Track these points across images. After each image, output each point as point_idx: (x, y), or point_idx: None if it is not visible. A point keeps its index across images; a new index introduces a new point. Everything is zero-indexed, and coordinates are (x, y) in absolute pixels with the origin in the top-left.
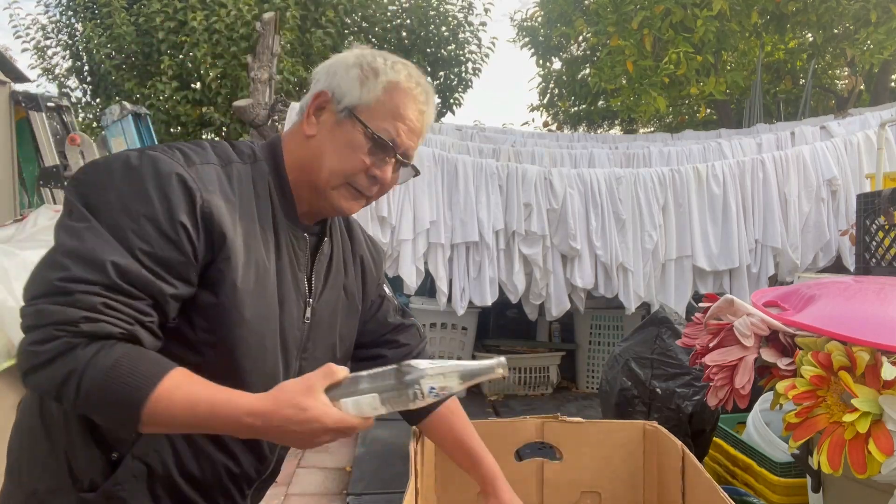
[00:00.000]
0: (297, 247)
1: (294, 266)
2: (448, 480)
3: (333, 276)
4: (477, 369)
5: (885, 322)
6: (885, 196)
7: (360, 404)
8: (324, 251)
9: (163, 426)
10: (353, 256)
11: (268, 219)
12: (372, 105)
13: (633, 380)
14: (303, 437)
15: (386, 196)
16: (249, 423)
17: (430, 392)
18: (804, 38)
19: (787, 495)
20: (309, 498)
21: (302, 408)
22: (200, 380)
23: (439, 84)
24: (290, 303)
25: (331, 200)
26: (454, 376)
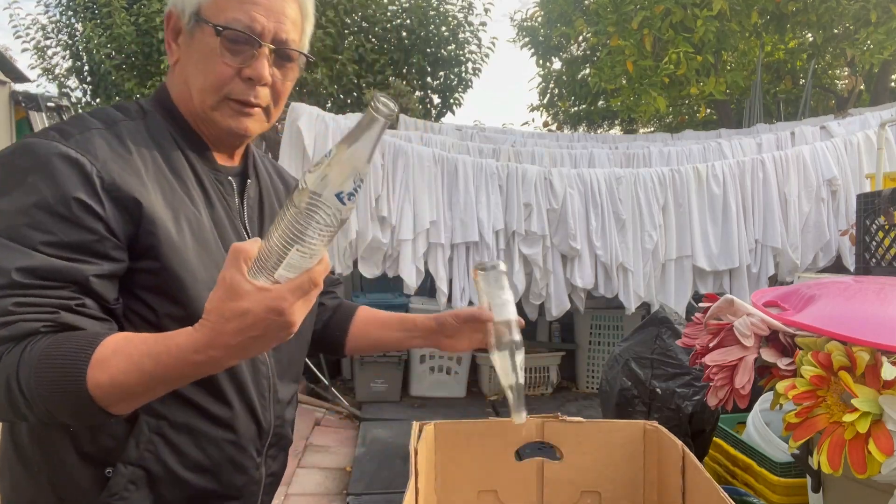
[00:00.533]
0: (225, 193)
1: (230, 214)
2: (448, 480)
3: (269, 219)
4: (357, 132)
5: (885, 322)
6: (885, 196)
7: (293, 266)
8: (250, 194)
9: (126, 398)
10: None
11: (183, 169)
12: (213, 0)
13: (633, 380)
14: (271, 335)
15: (386, 196)
16: (203, 359)
17: (340, 199)
18: (804, 38)
19: (787, 495)
20: (309, 498)
21: (241, 313)
22: (140, 336)
23: (439, 84)
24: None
25: (218, 124)
26: (344, 160)
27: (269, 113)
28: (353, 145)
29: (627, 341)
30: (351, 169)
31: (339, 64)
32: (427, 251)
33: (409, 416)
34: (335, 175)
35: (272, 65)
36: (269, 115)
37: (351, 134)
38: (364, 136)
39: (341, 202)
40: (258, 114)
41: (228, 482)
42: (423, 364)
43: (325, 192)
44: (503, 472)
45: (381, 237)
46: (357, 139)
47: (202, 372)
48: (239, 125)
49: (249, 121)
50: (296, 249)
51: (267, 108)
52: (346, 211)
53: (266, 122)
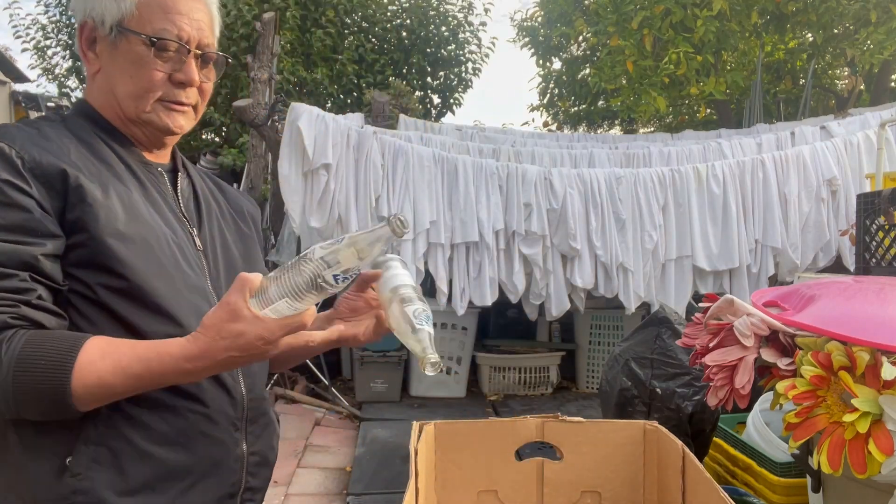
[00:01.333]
0: (159, 183)
1: (166, 200)
2: (448, 480)
3: (206, 212)
4: (370, 236)
5: (885, 322)
6: (885, 196)
7: (280, 311)
8: (182, 186)
9: (106, 398)
10: (234, 204)
11: (110, 157)
12: (136, 11)
13: (633, 380)
14: (253, 357)
15: (386, 196)
16: (191, 368)
17: (335, 280)
18: (804, 38)
19: (787, 495)
20: (309, 498)
21: (236, 334)
22: (121, 341)
23: (439, 84)
24: (177, 230)
25: (153, 123)
26: (349, 252)
27: (197, 110)
28: (364, 245)
29: (627, 341)
30: (354, 261)
31: (339, 64)
32: (427, 251)
33: (409, 416)
34: (340, 261)
35: (200, 67)
36: (197, 112)
37: (366, 235)
38: (375, 242)
39: (336, 282)
40: (189, 112)
41: (204, 456)
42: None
43: (326, 271)
44: (503, 472)
45: None
46: (369, 242)
47: (184, 379)
48: (173, 122)
49: (181, 117)
50: (286, 301)
51: (195, 106)
52: (335, 289)
53: (194, 119)
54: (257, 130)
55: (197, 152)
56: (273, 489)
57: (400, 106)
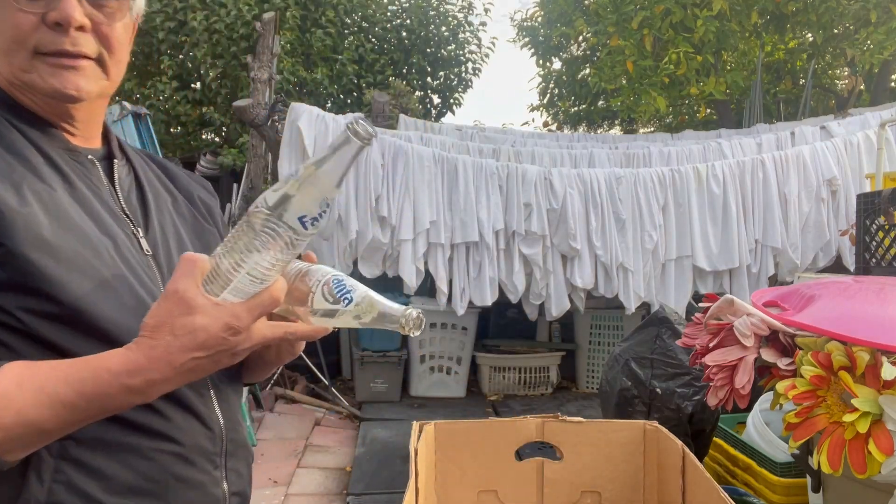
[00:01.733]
0: (90, 175)
1: (100, 196)
2: (448, 480)
3: (155, 206)
4: (329, 153)
5: (885, 322)
6: (885, 196)
7: (242, 290)
8: (121, 175)
9: (34, 440)
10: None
11: (26, 149)
12: None
13: (633, 380)
14: (222, 357)
15: (386, 196)
16: (139, 385)
17: (301, 224)
18: (804, 38)
19: (787, 495)
20: (309, 498)
21: (194, 329)
22: (48, 362)
23: (439, 84)
24: (117, 234)
25: (38, 87)
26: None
27: (105, 65)
28: (322, 166)
29: (627, 341)
30: (318, 192)
31: (339, 64)
32: (427, 251)
33: (409, 416)
34: (300, 197)
35: (86, 3)
36: (106, 69)
37: (322, 154)
38: (336, 157)
39: (303, 226)
40: (89, 67)
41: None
42: (423, 364)
43: (286, 215)
44: (503, 472)
45: (381, 237)
46: (328, 160)
47: (133, 400)
48: (65, 83)
49: (77, 76)
50: (246, 273)
51: (100, 60)
52: (306, 237)
53: (105, 79)
54: (257, 130)
55: (197, 152)
56: (273, 489)
57: (400, 106)
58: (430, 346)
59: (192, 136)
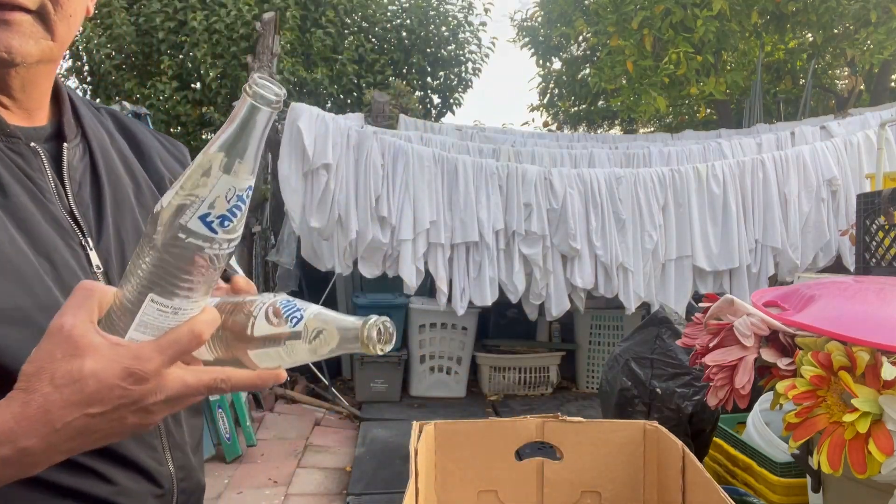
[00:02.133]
0: (27, 168)
1: (39, 199)
2: (448, 480)
3: (112, 200)
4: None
5: (885, 322)
6: (885, 196)
7: (153, 324)
8: (71, 162)
9: None
10: (153, 166)
11: None
12: None
13: (633, 380)
14: (124, 416)
15: (386, 196)
16: (9, 454)
17: (208, 227)
18: (804, 38)
19: (787, 495)
20: (309, 498)
21: (80, 377)
22: None
23: (439, 84)
24: (57, 251)
25: None
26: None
27: (49, 20)
28: (223, 147)
29: (627, 341)
30: (225, 182)
31: (339, 64)
32: (427, 251)
33: (409, 416)
34: (202, 192)
35: None
36: (50, 25)
37: (224, 133)
38: (241, 133)
39: (210, 230)
40: (24, 22)
41: None
42: (423, 364)
43: (184, 217)
44: (503, 472)
45: (381, 237)
46: (231, 139)
47: (8, 475)
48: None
49: (9, 34)
50: (150, 301)
51: (42, 13)
52: (222, 243)
53: (47, 38)
54: None
55: (197, 152)
56: (273, 489)
57: (400, 106)
58: (430, 346)
59: (192, 136)
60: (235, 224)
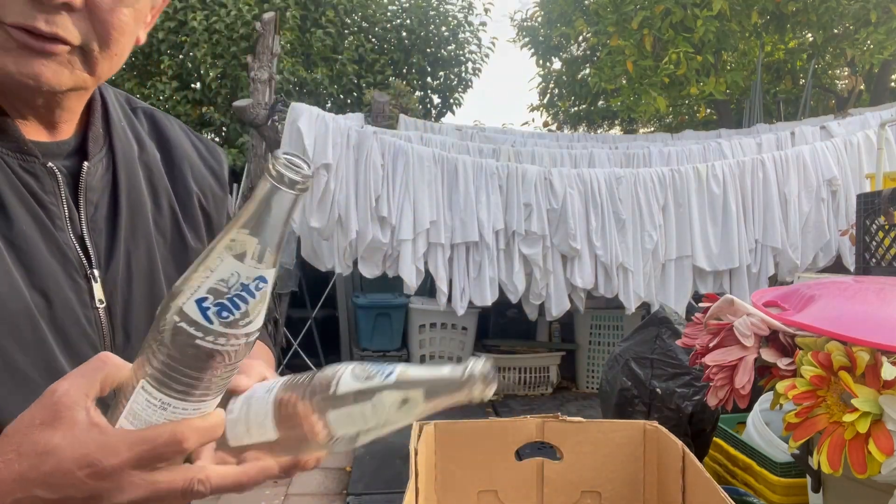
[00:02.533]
0: (39, 191)
1: (45, 226)
2: (448, 480)
3: (129, 223)
4: (250, 201)
5: (885, 322)
6: (885, 196)
7: (138, 416)
8: (90, 182)
9: None
10: (181, 176)
11: None
12: None
13: (633, 380)
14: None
15: (386, 196)
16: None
17: (204, 315)
18: (804, 38)
19: (787, 495)
20: (309, 498)
21: (43, 450)
22: None
23: (439, 84)
24: (55, 286)
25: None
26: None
27: (91, 58)
28: (236, 227)
29: (627, 341)
30: (227, 264)
31: (339, 64)
32: (427, 251)
33: None
34: (202, 270)
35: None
36: (92, 62)
37: (247, 213)
38: (256, 214)
39: (204, 316)
40: (63, 55)
41: None
42: (424, 364)
43: (182, 297)
44: (503, 472)
45: (381, 237)
46: (246, 218)
47: None
48: (26, 69)
49: (44, 66)
50: (141, 388)
51: (86, 50)
52: (215, 335)
53: (85, 73)
54: (257, 130)
55: None
56: (273, 489)
57: (400, 106)
58: (430, 346)
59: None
60: (237, 318)
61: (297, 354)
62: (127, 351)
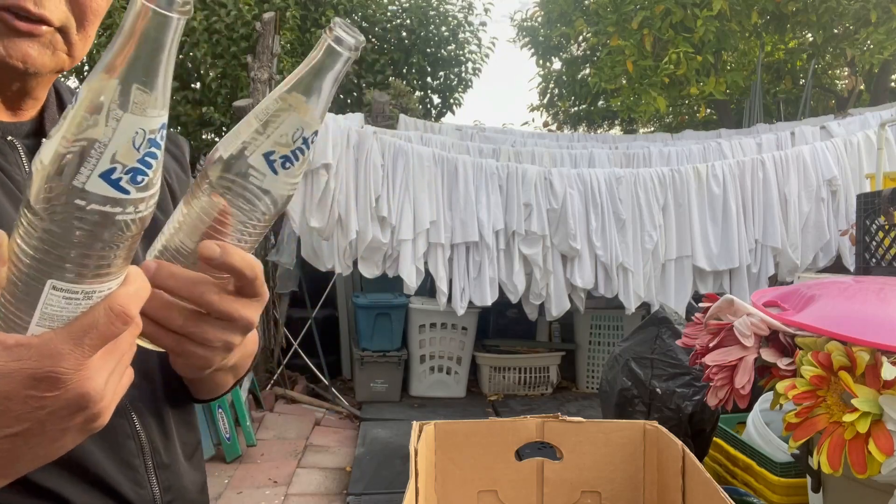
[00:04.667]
0: (3, 162)
1: (11, 193)
2: (448, 480)
3: None
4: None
5: (885, 322)
6: (885, 196)
7: (54, 317)
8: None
9: None
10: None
11: None
12: None
13: (633, 380)
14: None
15: (386, 196)
16: None
17: (114, 185)
18: (804, 38)
19: (787, 495)
20: (309, 498)
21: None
22: None
23: (439, 84)
24: None
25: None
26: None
27: (69, 38)
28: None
29: (627, 341)
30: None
31: None
32: (427, 251)
33: (409, 416)
34: (89, 134)
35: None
36: (70, 42)
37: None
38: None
39: (118, 189)
40: (47, 35)
41: None
42: (423, 364)
43: (79, 177)
44: (503, 472)
45: (381, 237)
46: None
47: None
48: (14, 51)
49: (29, 45)
50: (52, 289)
51: (65, 30)
52: (134, 203)
53: (66, 53)
54: None
55: (197, 152)
56: (273, 489)
57: (400, 106)
58: (430, 346)
59: (192, 136)
60: (150, 177)
61: (297, 354)
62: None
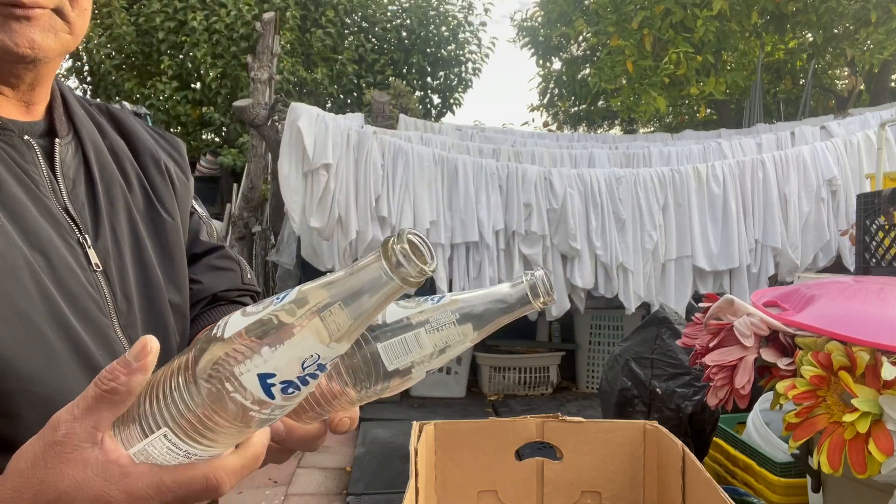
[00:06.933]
0: (21, 160)
1: (33, 192)
2: (448, 480)
3: (106, 198)
4: (360, 276)
5: (885, 322)
6: (885, 196)
7: (152, 456)
8: (64, 159)
9: None
10: (146, 163)
11: None
12: None
13: (633, 380)
14: None
15: (386, 196)
16: None
17: (266, 390)
18: (804, 38)
19: (787, 495)
20: (309, 498)
21: (55, 495)
22: None
23: (439, 84)
24: (53, 246)
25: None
26: (306, 323)
27: (66, 16)
28: (344, 297)
29: (627, 341)
30: (309, 342)
31: (339, 64)
32: None
33: (409, 416)
34: (270, 341)
35: None
36: (68, 20)
37: (343, 278)
38: (363, 291)
39: (267, 393)
40: (44, 17)
41: None
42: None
43: (240, 367)
44: (503, 472)
45: (381, 237)
46: (354, 293)
47: None
48: (15, 37)
49: (31, 29)
50: (162, 435)
51: (60, 10)
52: (272, 408)
53: (67, 32)
54: (257, 130)
55: (197, 152)
56: (273, 489)
57: (400, 106)
58: None
59: (192, 137)
60: (301, 392)
61: None
62: (130, 317)
